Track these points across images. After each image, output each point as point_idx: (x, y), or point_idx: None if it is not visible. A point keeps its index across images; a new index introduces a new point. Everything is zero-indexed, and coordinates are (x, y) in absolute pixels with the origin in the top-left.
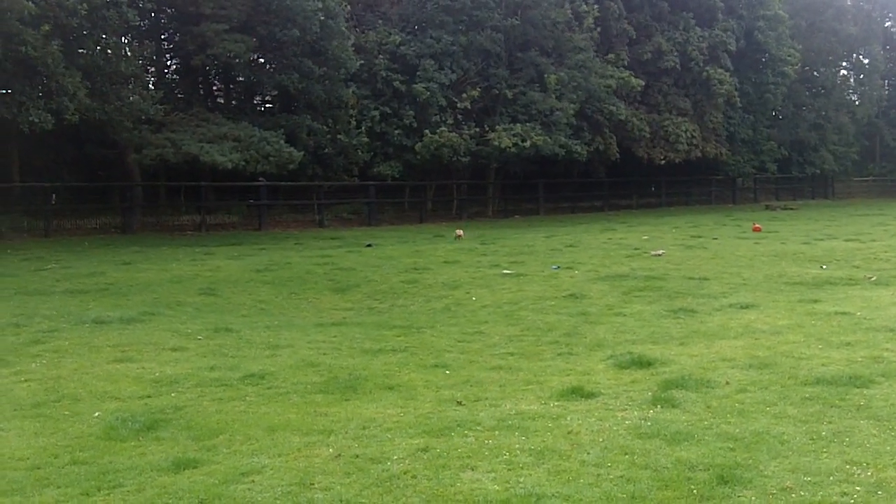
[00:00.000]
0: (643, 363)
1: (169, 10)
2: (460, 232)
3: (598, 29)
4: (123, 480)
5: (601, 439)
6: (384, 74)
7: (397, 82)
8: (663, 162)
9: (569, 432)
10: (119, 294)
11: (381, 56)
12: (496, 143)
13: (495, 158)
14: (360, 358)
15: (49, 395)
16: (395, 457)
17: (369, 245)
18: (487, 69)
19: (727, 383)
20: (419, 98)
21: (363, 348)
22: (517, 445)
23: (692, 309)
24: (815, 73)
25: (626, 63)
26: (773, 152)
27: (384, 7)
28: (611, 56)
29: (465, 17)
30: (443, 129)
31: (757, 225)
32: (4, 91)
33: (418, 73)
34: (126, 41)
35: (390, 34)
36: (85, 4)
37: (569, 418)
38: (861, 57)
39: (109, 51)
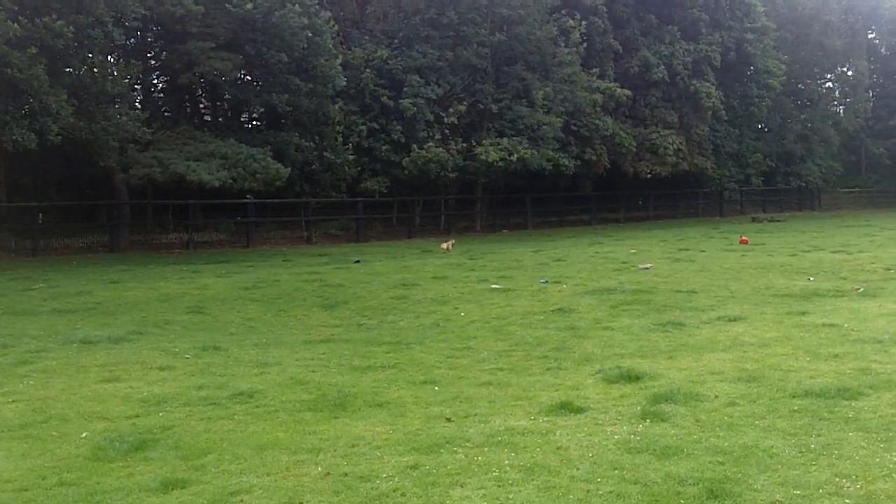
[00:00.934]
0: (632, 377)
1: (155, 29)
2: (446, 245)
3: (584, 44)
4: (111, 502)
5: (590, 454)
6: (371, 89)
7: (385, 97)
8: (650, 175)
9: (558, 448)
10: (107, 313)
11: (367, 70)
12: (483, 157)
13: (483, 173)
14: (348, 375)
15: (36, 416)
16: (385, 475)
17: (357, 261)
18: (474, 84)
19: (716, 397)
20: (406, 113)
21: (352, 365)
22: (506, 462)
23: (680, 322)
24: (801, 86)
25: (612, 77)
26: (760, 164)
27: (370, 24)
28: (595, 70)
29: (451, 32)
30: (430, 144)
31: (744, 237)
32: None
33: (405, 88)
34: (112, 60)
35: (377, 50)
36: (71, 27)
37: (558, 434)
38: (846, 70)
39: (95, 70)
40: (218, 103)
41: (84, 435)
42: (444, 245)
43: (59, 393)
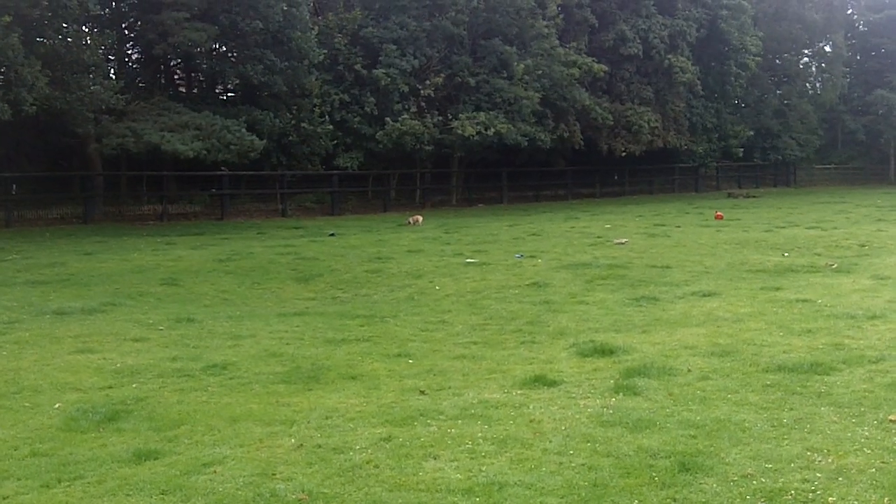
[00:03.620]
0: (605, 351)
1: None
2: (414, 219)
3: (562, 16)
4: (84, 472)
5: (563, 427)
6: (345, 55)
7: (359, 65)
8: (624, 153)
9: (531, 421)
10: (80, 285)
11: (340, 35)
12: (459, 131)
13: (459, 147)
14: (322, 348)
15: (9, 387)
16: (358, 446)
17: (332, 234)
18: (451, 56)
19: (689, 371)
20: (380, 84)
21: (326, 338)
22: (480, 434)
23: (655, 297)
24: (778, 61)
25: (586, 51)
26: (737, 138)
27: None
28: (573, 44)
29: (428, 1)
30: (405, 116)
31: (719, 213)
32: None
33: (380, 58)
34: (87, 30)
35: (351, 13)
36: None
37: (531, 407)
38: (824, 45)
39: (70, 39)
40: (193, 74)
41: (57, 406)
42: (412, 219)
43: (32, 364)
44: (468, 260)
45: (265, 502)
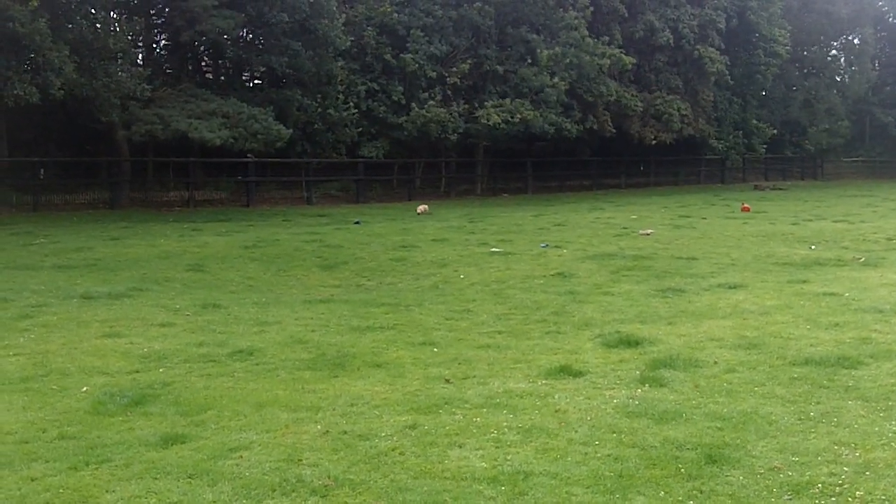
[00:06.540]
0: (631, 342)
1: None
2: (422, 208)
3: (591, 9)
4: (111, 455)
5: (589, 418)
6: (374, 46)
7: (388, 55)
8: (654, 141)
9: (556, 411)
10: (107, 269)
11: (369, 27)
12: (485, 120)
13: (484, 136)
14: (348, 335)
15: (37, 370)
16: (383, 434)
17: (357, 222)
18: (477, 45)
19: (715, 363)
20: (407, 68)
21: (351, 325)
22: (505, 423)
23: (680, 288)
24: (806, 53)
25: (619, 42)
26: (763, 132)
27: None
28: (605, 38)
29: None
30: (431, 104)
31: (746, 205)
32: None
33: (407, 44)
34: (115, 16)
35: (381, 5)
36: None
37: (556, 397)
38: (852, 38)
39: (98, 26)
40: (220, 62)
41: (84, 389)
42: (420, 208)
43: (60, 347)
44: (493, 249)
45: (291, 488)
